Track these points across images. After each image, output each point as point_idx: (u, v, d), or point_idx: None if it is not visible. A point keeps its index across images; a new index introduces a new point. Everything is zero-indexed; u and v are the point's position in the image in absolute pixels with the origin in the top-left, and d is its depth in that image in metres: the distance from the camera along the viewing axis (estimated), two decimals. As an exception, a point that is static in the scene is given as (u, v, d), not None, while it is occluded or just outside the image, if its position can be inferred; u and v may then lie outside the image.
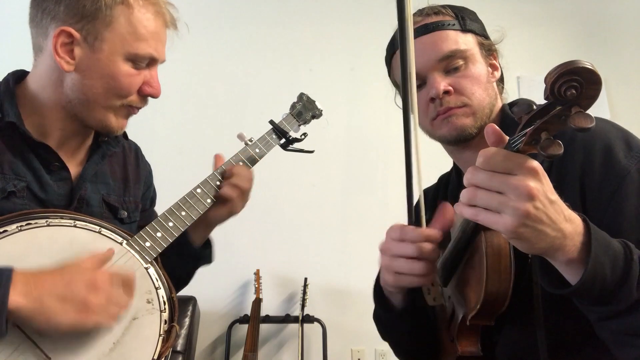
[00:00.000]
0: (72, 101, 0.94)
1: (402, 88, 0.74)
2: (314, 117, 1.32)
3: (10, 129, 0.93)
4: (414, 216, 0.89)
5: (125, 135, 1.15)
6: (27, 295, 0.74)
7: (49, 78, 0.94)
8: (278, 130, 1.23)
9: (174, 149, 2.70)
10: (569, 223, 0.65)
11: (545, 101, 0.58)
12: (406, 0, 0.67)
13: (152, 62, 0.97)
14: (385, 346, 1.11)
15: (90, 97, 0.93)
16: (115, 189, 1.08)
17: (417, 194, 0.88)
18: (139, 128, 1.34)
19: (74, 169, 1.01)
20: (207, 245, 1.17)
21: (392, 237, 0.88)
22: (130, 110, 0.99)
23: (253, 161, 1.17)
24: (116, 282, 0.84)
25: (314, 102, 1.32)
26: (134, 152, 1.18)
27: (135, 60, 0.94)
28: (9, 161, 0.91)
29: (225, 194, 1.07)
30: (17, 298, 0.72)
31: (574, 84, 0.53)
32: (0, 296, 0.71)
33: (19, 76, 1.00)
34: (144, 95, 0.98)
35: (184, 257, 1.11)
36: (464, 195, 0.66)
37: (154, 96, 0.99)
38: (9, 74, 1.00)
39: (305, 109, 1.30)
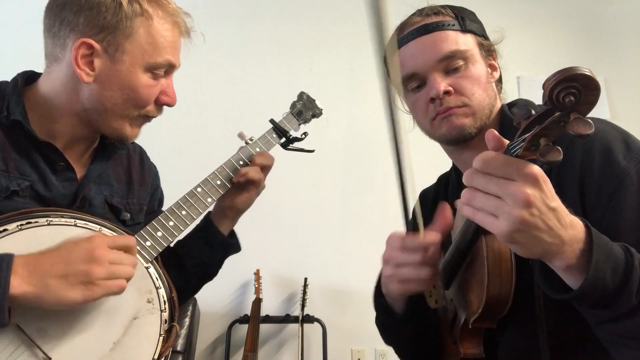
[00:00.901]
0: (87, 110, 0.94)
1: (386, 97, 0.73)
2: (314, 116, 1.32)
3: (15, 127, 0.93)
4: (411, 224, 0.89)
5: None
6: (29, 280, 0.74)
7: (64, 86, 0.94)
8: (278, 130, 1.23)
9: (174, 149, 2.70)
10: (569, 229, 0.65)
11: (544, 105, 0.58)
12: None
13: (169, 69, 0.98)
14: (385, 346, 1.12)
15: (108, 107, 0.94)
16: (119, 190, 1.08)
17: (413, 199, 0.88)
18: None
19: (79, 170, 1.01)
20: (233, 234, 1.19)
21: (395, 246, 0.88)
22: (145, 119, 1.00)
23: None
24: (115, 247, 0.84)
25: (314, 101, 1.32)
26: (138, 155, 1.18)
27: (154, 70, 0.95)
28: (15, 160, 0.91)
29: (251, 177, 1.11)
30: (20, 284, 0.73)
31: (573, 91, 0.53)
32: (1, 284, 0.72)
33: (29, 77, 1.00)
34: (161, 104, 0.99)
35: (214, 247, 1.13)
36: (463, 195, 0.66)
37: (170, 105, 1.00)
38: (18, 74, 1.00)
39: (305, 108, 1.30)
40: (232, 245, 1.17)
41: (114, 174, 1.09)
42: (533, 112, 0.59)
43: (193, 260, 1.13)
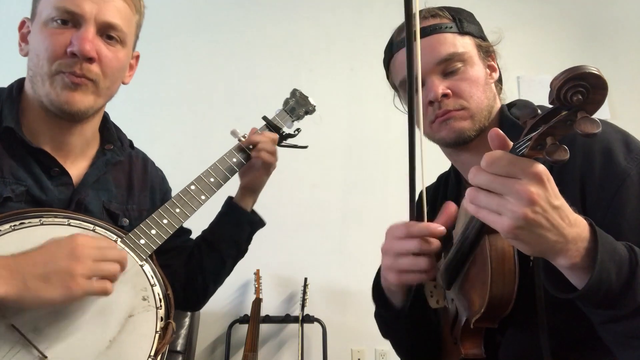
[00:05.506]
0: (33, 87, 0.94)
1: (408, 86, 0.73)
2: (307, 112, 1.33)
3: (8, 134, 0.93)
4: (415, 212, 0.88)
5: (131, 144, 1.16)
6: (10, 281, 0.73)
7: (28, 77, 0.96)
8: (271, 126, 1.24)
9: (172, 148, 2.69)
10: (573, 228, 0.65)
11: (550, 105, 0.58)
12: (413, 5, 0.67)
13: (75, 18, 0.92)
14: (385, 346, 1.12)
15: (34, 73, 0.94)
16: (118, 196, 1.07)
17: (419, 191, 0.87)
18: (138, 127, 1.34)
19: (76, 175, 1.00)
20: (255, 212, 1.25)
21: (395, 236, 0.87)
22: (63, 77, 0.91)
23: (247, 157, 1.17)
24: (99, 244, 0.83)
25: (307, 97, 1.32)
26: (141, 161, 1.18)
27: (55, 20, 0.92)
28: (10, 165, 0.92)
29: (262, 158, 1.16)
30: (1, 285, 0.72)
31: (580, 89, 0.52)
32: None
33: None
34: (70, 54, 0.91)
35: (242, 226, 1.19)
36: (467, 193, 0.66)
37: (76, 52, 0.90)
38: (16, 80, 1.00)
39: (298, 105, 1.30)
40: (257, 221, 1.24)
41: (114, 179, 1.08)
42: (539, 111, 0.59)
43: (226, 243, 1.19)
